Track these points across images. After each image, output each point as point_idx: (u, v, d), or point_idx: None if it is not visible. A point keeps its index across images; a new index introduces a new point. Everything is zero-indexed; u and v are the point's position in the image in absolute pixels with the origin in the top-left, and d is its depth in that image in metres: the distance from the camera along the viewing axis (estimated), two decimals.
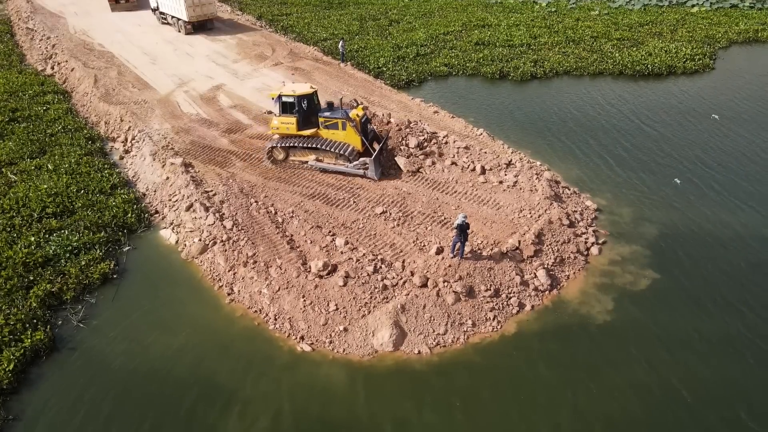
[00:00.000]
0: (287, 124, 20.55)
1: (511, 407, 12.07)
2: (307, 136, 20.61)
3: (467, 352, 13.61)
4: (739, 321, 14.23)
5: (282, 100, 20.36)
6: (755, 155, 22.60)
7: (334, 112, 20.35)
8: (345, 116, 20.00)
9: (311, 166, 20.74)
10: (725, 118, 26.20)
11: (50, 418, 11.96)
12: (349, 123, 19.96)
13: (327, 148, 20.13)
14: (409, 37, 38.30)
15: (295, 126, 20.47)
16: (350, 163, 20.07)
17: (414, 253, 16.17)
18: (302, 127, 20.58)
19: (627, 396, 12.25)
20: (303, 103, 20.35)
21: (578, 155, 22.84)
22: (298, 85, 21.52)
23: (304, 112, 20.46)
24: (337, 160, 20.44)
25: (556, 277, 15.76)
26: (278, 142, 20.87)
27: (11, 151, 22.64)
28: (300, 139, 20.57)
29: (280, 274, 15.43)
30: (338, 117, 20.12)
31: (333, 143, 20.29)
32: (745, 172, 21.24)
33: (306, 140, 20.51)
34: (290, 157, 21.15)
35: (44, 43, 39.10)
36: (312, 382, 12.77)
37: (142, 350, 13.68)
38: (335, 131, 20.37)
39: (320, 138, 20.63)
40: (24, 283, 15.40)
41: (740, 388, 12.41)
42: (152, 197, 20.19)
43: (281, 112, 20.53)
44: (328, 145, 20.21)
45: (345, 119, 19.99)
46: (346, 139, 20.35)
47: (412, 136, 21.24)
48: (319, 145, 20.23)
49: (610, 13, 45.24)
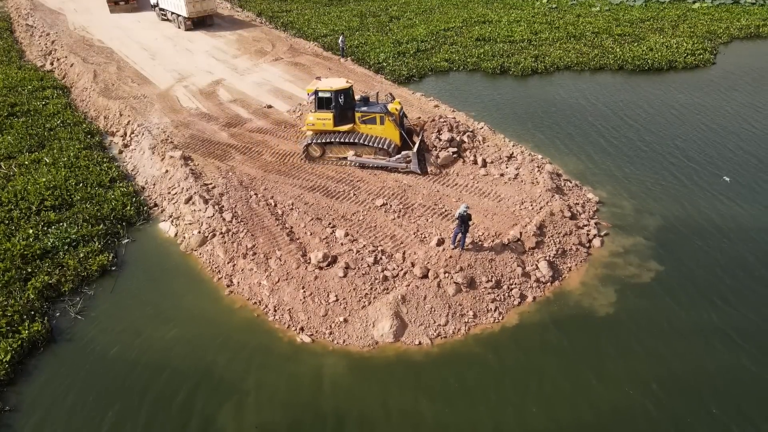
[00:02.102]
0: (323, 119, 20.04)
1: (512, 398, 11.94)
2: (344, 132, 20.15)
3: (468, 343, 13.49)
4: (742, 312, 14.10)
5: (318, 95, 19.89)
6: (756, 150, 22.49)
7: (372, 107, 20.02)
8: (384, 110, 19.68)
9: (351, 161, 20.25)
10: (726, 113, 26.08)
11: (47, 409, 11.84)
12: (388, 117, 19.66)
13: (366, 143, 19.77)
14: (410, 33, 38.19)
15: (332, 122, 19.99)
16: (391, 157, 19.73)
17: (415, 244, 16.05)
18: (338, 122, 20.09)
19: (628, 387, 12.12)
20: (340, 98, 19.87)
21: (579, 148, 22.71)
22: (333, 79, 21.06)
23: (340, 108, 20.01)
24: (377, 155, 20.04)
25: (557, 269, 15.63)
26: (313, 138, 20.34)
27: (10, 145, 22.53)
28: (337, 135, 20.10)
29: (280, 265, 15.31)
30: (376, 111, 19.80)
31: (372, 138, 19.91)
32: (746, 164, 21.11)
33: (343, 136, 20.06)
34: (327, 154, 20.64)
35: (44, 39, 39.02)
36: (312, 373, 12.65)
37: (140, 342, 13.56)
38: (373, 126, 20.00)
39: (358, 133, 20.16)
40: (22, 275, 15.28)
41: (742, 379, 12.27)
42: (151, 190, 20.08)
43: (317, 107, 20.07)
44: (367, 140, 19.82)
45: (384, 113, 19.66)
46: (384, 134, 20.01)
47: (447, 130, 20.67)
48: (358, 141, 19.83)
49: (611, 9, 45.11)
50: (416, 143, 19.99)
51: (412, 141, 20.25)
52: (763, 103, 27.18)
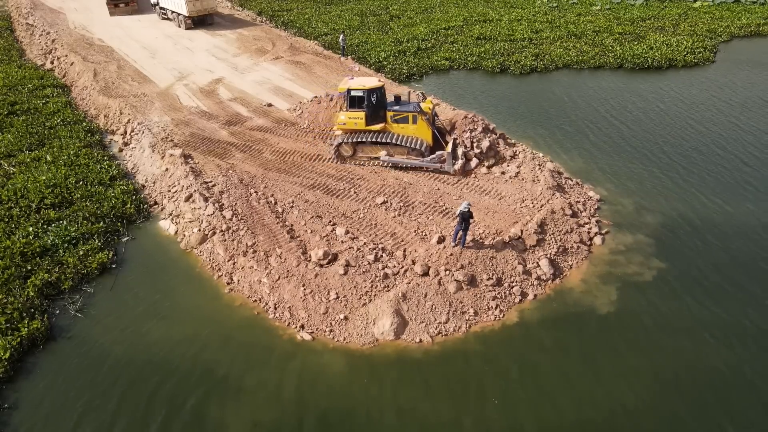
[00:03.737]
0: (355, 119, 19.83)
1: (513, 396, 11.89)
2: (376, 132, 19.92)
3: (469, 340, 13.44)
4: (742, 309, 14.05)
5: (350, 94, 19.70)
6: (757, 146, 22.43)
7: (404, 106, 19.80)
8: (416, 110, 19.47)
9: (383, 161, 19.96)
10: (725, 107, 26.03)
11: (46, 406, 11.79)
12: (421, 116, 19.46)
13: (399, 143, 19.56)
14: (410, 31, 38.17)
15: (364, 121, 19.80)
16: (424, 157, 19.52)
17: (415, 242, 16.01)
18: (370, 122, 19.88)
19: (629, 384, 12.07)
20: (372, 97, 19.69)
21: (580, 147, 22.67)
22: (365, 78, 20.89)
23: (373, 107, 19.79)
24: (410, 155, 19.79)
25: (558, 267, 15.58)
26: (344, 138, 20.13)
27: (10, 143, 22.51)
28: (369, 135, 19.90)
29: (280, 263, 15.27)
30: (409, 110, 19.58)
31: (404, 138, 19.69)
32: (745, 161, 21.06)
33: (375, 135, 19.86)
34: (359, 154, 20.40)
35: (44, 38, 39.00)
36: (312, 370, 12.60)
37: (140, 339, 13.51)
38: (405, 125, 19.77)
39: (390, 133, 19.92)
40: (22, 272, 15.25)
41: (743, 377, 12.21)
42: (151, 188, 20.05)
43: (349, 106, 19.90)
44: (399, 139, 19.60)
45: (417, 113, 19.45)
46: (417, 133, 19.79)
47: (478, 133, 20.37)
48: (390, 140, 19.64)
49: (612, 8, 45.06)
50: (449, 142, 19.70)
51: (444, 140, 19.97)
52: (762, 100, 27.11)
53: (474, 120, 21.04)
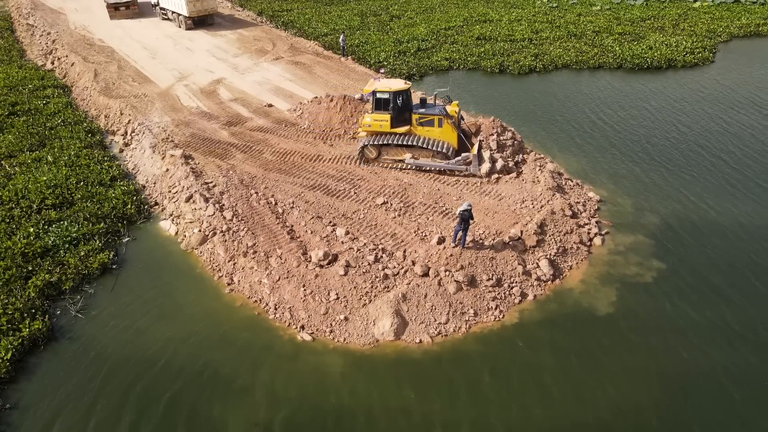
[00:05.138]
0: (380, 121, 19.71)
1: (512, 396, 11.93)
2: (401, 134, 19.79)
3: (469, 341, 13.47)
4: (741, 309, 14.08)
5: (376, 96, 19.60)
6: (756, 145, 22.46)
7: (430, 109, 19.67)
8: (443, 113, 19.35)
9: (408, 164, 19.85)
10: (724, 106, 26.06)
11: (48, 406, 11.83)
12: (447, 120, 19.34)
13: (424, 146, 19.43)
14: (411, 32, 38.19)
15: (389, 123, 19.69)
16: (449, 160, 19.43)
17: (415, 242, 16.04)
18: (396, 124, 19.75)
19: (629, 385, 12.10)
20: (398, 99, 19.56)
21: (579, 147, 22.71)
22: (391, 80, 20.75)
23: (398, 109, 19.68)
24: (435, 158, 19.67)
25: (558, 267, 15.62)
26: (369, 140, 20.05)
27: (11, 143, 22.56)
28: (394, 137, 19.77)
29: (281, 263, 15.31)
30: (435, 114, 19.44)
31: (430, 141, 19.60)
32: (746, 162, 21.09)
33: (400, 138, 19.74)
34: (383, 156, 20.29)
35: (44, 38, 39.05)
36: (312, 371, 12.64)
37: (140, 340, 13.55)
38: (430, 128, 19.65)
39: (415, 135, 19.82)
40: (23, 273, 15.28)
41: (742, 377, 12.24)
42: (152, 189, 20.10)
43: (374, 108, 19.83)
44: (424, 142, 19.49)
45: (443, 116, 19.33)
46: (442, 136, 19.65)
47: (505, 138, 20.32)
48: (415, 143, 19.55)
49: (612, 8, 45.08)
50: (475, 145, 19.56)
51: (470, 143, 19.88)
52: (762, 100, 27.14)
53: (501, 125, 20.90)
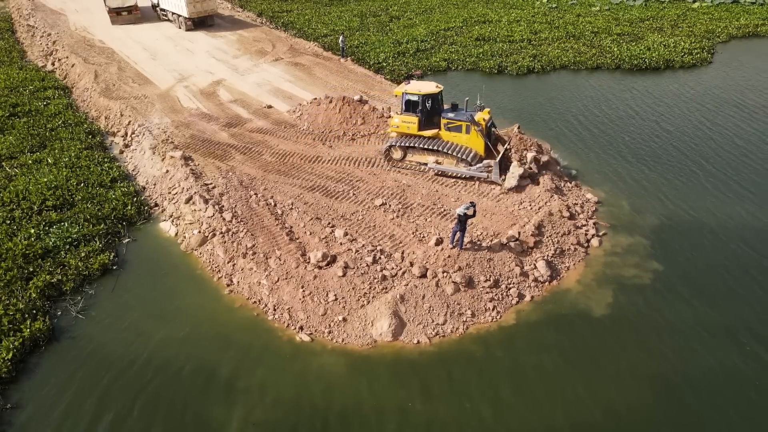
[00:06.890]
0: (408, 123, 19.79)
1: (510, 397, 12.02)
2: (427, 137, 19.82)
3: (466, 342, 13.57)
4: (739, 310, 14.17)
5: (406, 97, 19.69)
6: (752, 146, 22.55)
7: (458, 114, 19.51)
8: (471, 120, 19.13)
9: (430, 168, 19.81)
10: (723, 106, 26.15)
11: (48, 407, 11.94)
12: (474, 127, 19.13)
13: (448, 152, 19.31)
14: (410, 32, 38.29)
15: (416, 126, 19.71)
16: (471, 166, 19.23)
17: (413, 244, 16.14)
18: (423, 127, 19.78)
19: (626, 385, 12.20)
20: (427, 102, 19.52)
21: (578, 148, 22.80)
22: (423, 83, 20.66)
23: (427, 112, 19.71)
24: (458, 164, 19.62)
25: (556, 268, 15.71)
26: (396, 140, 20.10)
27: (11, 145, 22.66)
28: (420, 140, 19.77)
29: (280, 265, 15.41)
30: (463, 120, 19.29)
31: (455, 147, 19.44)
32: (746, 162, 21.19)
33: (426, 141, 19.68)
34: (408, 158, 20.29)
35: (45, 39, 39.15)
36: (311, 371, 12.73)
37: (140, 340, 13.65)
38: (458, 134, 19.53)
39: (441, 140, 19.75)
40: (24, 274, 15.39)
41: (740, 378, 12.34)
42: (152, 190, 20.20)
43: (404, 110, 19.86)
44: (449, 148, 19.39)
45: (470, 123, 19.14)
46: (469, 143, 19.52)
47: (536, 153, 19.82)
48: (440, 148, 19.39)
49: (611, 8, 45.17)
50: (500, 153, 19.35)
51: (496, 150, 19.64)
52: (760, 103, 27.22)
53: (531, 140, 20.74)
